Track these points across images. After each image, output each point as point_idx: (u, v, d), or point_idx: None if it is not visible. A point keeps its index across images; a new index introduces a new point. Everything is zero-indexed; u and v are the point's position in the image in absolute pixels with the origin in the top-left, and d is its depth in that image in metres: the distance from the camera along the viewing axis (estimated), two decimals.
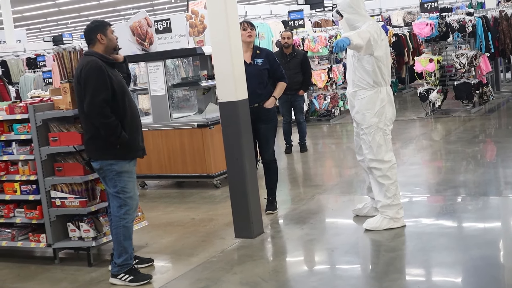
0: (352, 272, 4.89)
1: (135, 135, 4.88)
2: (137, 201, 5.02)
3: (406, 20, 17.94)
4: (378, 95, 5.55)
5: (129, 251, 4.96)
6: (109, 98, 4.71)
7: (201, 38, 8.34)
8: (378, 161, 5.59)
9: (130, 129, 4.84)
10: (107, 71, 4.74)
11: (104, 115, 4.68)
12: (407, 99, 15.30)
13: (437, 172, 7.94)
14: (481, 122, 10.85)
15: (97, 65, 4.73)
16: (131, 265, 4.97)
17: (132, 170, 4.94)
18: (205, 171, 7.89)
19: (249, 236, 5.69)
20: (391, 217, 5.55)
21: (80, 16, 29.61)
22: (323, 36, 12.74)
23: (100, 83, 4.68)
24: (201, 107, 8.75)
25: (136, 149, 4.94)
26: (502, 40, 13.13)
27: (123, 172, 4.85)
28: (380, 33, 5.52)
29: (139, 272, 5.00)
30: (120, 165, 4.84)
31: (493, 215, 5.89)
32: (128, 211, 4.91)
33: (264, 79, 6.36)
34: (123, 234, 4.91)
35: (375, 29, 5.47)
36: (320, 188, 7.48)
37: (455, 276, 4.54)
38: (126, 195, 4.88)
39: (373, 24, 5.55)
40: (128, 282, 4.90)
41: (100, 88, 4.68)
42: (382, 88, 5.57)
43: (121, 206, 4.88)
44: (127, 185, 4.88)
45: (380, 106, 5.56)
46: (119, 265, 4.94)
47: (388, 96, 5.62)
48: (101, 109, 4.68)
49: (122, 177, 4.86)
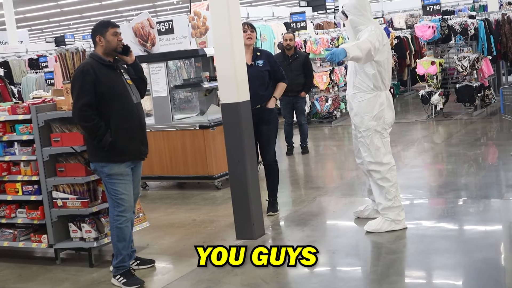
0: (353, 274, 4.89)
1: (126, 138, 4.84)
2: (131, 204, 4.98)
3: (408, 23, 17.95)
4: (377, 99, 5.55)
5: (123, 253, 4.95)
6: (93, 102, 4.73)
7: (203, 40, 8.35)
8: (377, 164, 5.59)
9: (120, 132, 4.81)
10: (96, 75, 4.75)
11: (85, 118, 4.73)
12: (409, 102, 15.30)
13: (439, 174, 7.95)
14: (482, 125, 10.86)
15: (84, 69, 4.77)
16: (126, 268, 4.97)
17: (124, 173, 4.89)
18: (206, 173, 7.90)
19: (250, 237, 5.70)
20: (392, 219, 5.56)
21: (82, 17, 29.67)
22: (325, 38, 12.76)
23: (83, 87, 4.73)
24: (203, 109, 8.76)
25: (128, 152, 4.89)
26: (504, 43, 13.13)
27: (113, 174, 4.85)
28: (382, 38, 5.50)
29: (133, 276, 4.97)
30: (109, 168, 4.84)
31: (495, 218, 5.89)
32: (121, 212, 4.90)
33: (265, 80, 6.38)
34: (116, 235, 4.92)
35: (378, 35, 5.45)
36: (321, 190, 7.49)
37: (456, 278, 4.53)
38: (117, 196, 4.87)
39: (376, 29, 5.53)
40: (122, 284, 4.91)
41: (83, 92, 4.72)
42: (381, 92, 5.58)
43: (114, 207, 4.91)
44: (117, 187, 4.87)
45: (378, 110, 5.55)
46: (115, 266, 4.97)
47: (387, 100, 5.62)
48: (82, 112, 4.73)
49: (112, 179, 4.86)
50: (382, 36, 5.52)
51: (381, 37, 5.48)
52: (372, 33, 5.45)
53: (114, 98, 4.81)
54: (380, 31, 5.55)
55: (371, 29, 5.50)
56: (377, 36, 5.44)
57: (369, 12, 5.63)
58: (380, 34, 5.49)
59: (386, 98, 5.61)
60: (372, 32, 5.45)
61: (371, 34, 5.44)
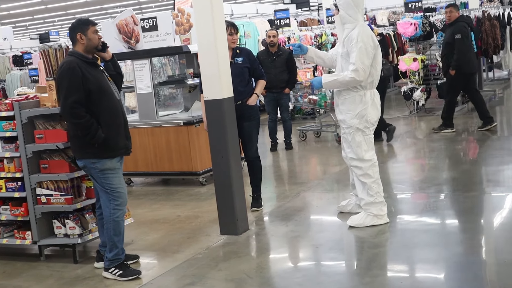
0: (336, 268, 4.94)
1: (115, 134, 4.90)
2: (126, 197, 5.06)
3: (391, 20, 18.05)
4: (362, 98, 5.57)
5: (119, 246, 5.01)
6: (82, 99, 4.75)
7: (187, 37, 8.36)
8: (359, 160, 5.65)
9: (109, 128, 4.86)
10: (82, 72, 4.77)
11: (76, 115, 4.74)
12: (392, 98, 15.40)
13: (421, 169, 8.04)
14: (464, 121, 10.97)
15: (70, 66, 4.77)
16: (121, 260, 5.03)
17: (116, 167, 4.96)
18: (191, 169, 7.92)
19: (234, 233, 5.73)
20: (375, 214, 5.62)
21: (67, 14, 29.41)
22: (309, 35, 12.82)
23: (71, 84, 4.73)
24: (187, 105, 8.77)
25: (117, 148, 4.96)
26: (485, 40, 13.28)
27: (105, 169, 4.89)
28: (373, 43, 5.46)
29: (129, 267, 5.05)
30: (102, 163, 4.88)
31: (475, 212, 5.97)
32: (118, 206, 4.96)
33: (245, 77, 6.46)
34: (113, 228, 4.96)
35: (367, 46, 5.38)
36: (305, 185, 7.54)
37: (437, 272, 4.60)
38: (114, 190, 4.94)
39: (364, 35, 5.43)
40: (118, 276, 4.96)
41: (72, 90, 4.73)
42: (366, 91, 5.59)
43: (110, 201, 4.94)
44: (112, 181, 4.93)
45: (361, 108, 5.57)
46: (110, 259, 5.00)
47: (372, 99, 5.62)
48: (72, 110, 4.74)
49: (106, 174, 4.90)
50: (373, 40, 5.48)
51: (372, 42, 5.45)
52: (362, 49, 5.39)
53: (101, 95, 4.84)
54: (369, 35, 5.48)
55: (359, 38, 5.39)
56: (366, 48, 5.40)
57: (360, 11, 5.59)
58: (370, 40, 5.44)
59: (370, 97, 5.60)
60: (361, 48, 5.38)
61: (361, 51, 5.38)
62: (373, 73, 5.55)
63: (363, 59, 5.41)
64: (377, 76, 5.64)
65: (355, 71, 5.40)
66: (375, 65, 5.55)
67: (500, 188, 6.65)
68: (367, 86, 5.58)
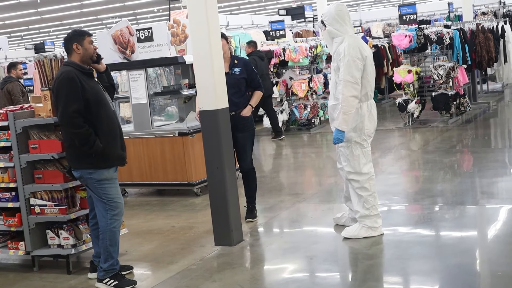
0: (330, 280, 4.94)
1: (112, 144, 4.91)
2: (123, 207, 5.05)
3: (386, 32, 18.18)
4: (358, 111, 5.55)
5: (115, 256, 4.99)
6: (82, 108, 4.75)
7: (182, 47, 8.37)
8: (356, 173, 5.64)
9: (107, 138, 4.86)
10: (80, 82, 4.77)
11: (75, 125, 4.73)
12: (386, 109, 15.45)
13: (415, 181, 8.05)
14: (458, 133, 11.01)
15: (68, 76, 4.77)
16: (116, 270, 5.00)
17: (113, 177, 4.96)
18: (185, 179, 7.91)
19: (228, 244, 5.72)
20: (369, 226, 5.61)
21: (62, 24, 29.48)
22: (304, 46, 12.85)
23: (71, 94, 4.73)
24: (182, 116, 8.77)
25: (114, 158, 4.96)
26: (479, 53, 13.36)
27: (102, 179, 4.89)
28: (361, 55, 5.43)
29: (124, 278, 5.03)
30: (98, 173, 4.87)
31: (470, 224, 5.98)
32: (115, 216, 4.95)
33: (241, 88, 6.44)
34: (109, 238, 4.94)
35: (354, 58, 5.37)
36: (299, 196, 7.54)
37: (431, 283, 4.60)
38: (111, 200, 4.92)
39: (350, 48, 5.41)
40: (113, 287, 4.94)
41: (71, 100, 4.73)
42: (362, 104, 5.55)
43: (107, 211, 4.93)
44: (110, 192, 4.92)
45: (359, 121, 5.56)
46: (105, 270, 4.97)
47: (369, 111, 5.61)
48: (72, 119, 4.73)
49: (103, 185, 4.89)
50: (360, 51, 5.44)
51: (359, 54, 5.42)
52: (349, 63, 5.38)
53: (99, 105, 4.85)
54: (356, 46, 5.45)
55: (346, 52, 5.40)
56: (354, 60, 5.38)
57: (348, 22, 5.61)
58: (357, 52, 5.41)
59: (367, 109, 5.59)
60: (348, 61, 5.38)
61: (348, 65, 5.38)
62: (365, 84, 5.54)
63: (352, 72, 5.40)
64: (370, 87, 5.62)
65: (345, 86, 5.38)
66: (366, 76, 5.54)
67: (495, 200, 6.66)
68: (362, 99, 5.55)
